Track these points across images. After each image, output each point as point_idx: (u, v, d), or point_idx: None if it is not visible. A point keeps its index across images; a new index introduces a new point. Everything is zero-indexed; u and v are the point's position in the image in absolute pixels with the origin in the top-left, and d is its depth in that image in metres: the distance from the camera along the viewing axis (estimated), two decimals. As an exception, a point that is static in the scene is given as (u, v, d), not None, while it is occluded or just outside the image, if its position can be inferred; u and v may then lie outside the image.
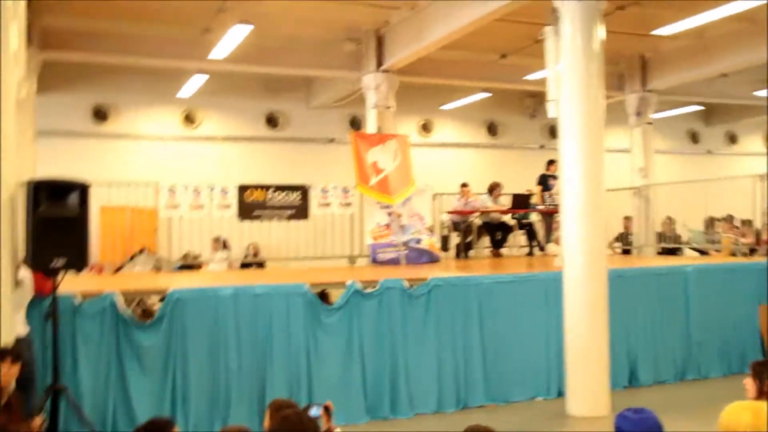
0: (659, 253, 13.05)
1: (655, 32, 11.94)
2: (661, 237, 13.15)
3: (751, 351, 9.12)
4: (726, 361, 9.14)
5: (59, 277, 5.81)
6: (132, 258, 11.16)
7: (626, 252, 13.77)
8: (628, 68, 14.84)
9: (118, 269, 11.38)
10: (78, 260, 5.86)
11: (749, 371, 4.24)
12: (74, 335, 6.34)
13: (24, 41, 6.16)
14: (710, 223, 13.14)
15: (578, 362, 7.41)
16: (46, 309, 5.93)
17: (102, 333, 6.46)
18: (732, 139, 21.04)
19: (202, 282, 7.75)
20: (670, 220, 13.16)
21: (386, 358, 7.38)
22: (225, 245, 11.96)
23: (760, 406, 3.03)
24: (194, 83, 14.33)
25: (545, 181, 12.53)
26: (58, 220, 5.69)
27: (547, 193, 12.54)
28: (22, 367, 5.01)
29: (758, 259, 10.26)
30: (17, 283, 5.72)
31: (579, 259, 7.46)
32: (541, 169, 13.03)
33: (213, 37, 11.65)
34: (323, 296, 8.04)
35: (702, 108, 19.46)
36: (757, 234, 11.21)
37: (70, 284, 6.35)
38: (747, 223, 11.56)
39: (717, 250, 12.53)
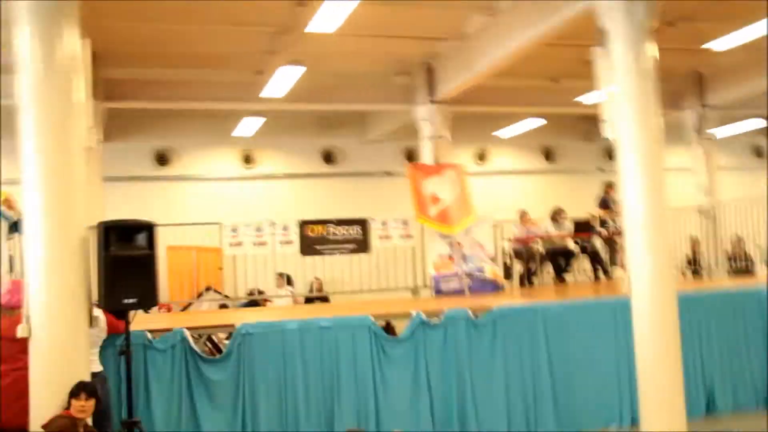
0: (730, 275, 12.64)
1: (708, 46, 11.72)
2: (731, 257, 12.75)
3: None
4: (811, 385, 8.74)
5: (130, 315, 5.96)
6: (199, 296, 11.36)
7: (696, 274, 13.38)
8: (684, 84, 14.59)
9: (186, 307, 11.61)
10: (147, 299, 6.01)
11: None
12: (146, 371, 6.49)
13: (89, 92, 6.43)
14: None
15: (651, 389, 7.18)
16: (119, 346, 6.08)
17: (173, 368, 6.59)
18: (797, 152, 20.37)
19: (268, 317, 7.83)
20: (739, 239, 12.76)
21: (453, 388, 7.30)
22: (289, 281, 12.07)
23: None
24: (251, 124, 14.67)
25: (607, 205, 12.33)
26: (127, 260, 5.85)
27: (609, 217, 12.33)
28: (96, 402, 5.15)
29: (836, 275, 9.86)
30: (92, 322, 5.88)
31: (645, 282, 7.27)
32: (599, 193, 12.83)
33: (266, 78, 11.93)
34: (388, 328, 8.03)
35: (765, 122, 18.93)
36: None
37: (141, 323, 6.51)
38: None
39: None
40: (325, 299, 12.55)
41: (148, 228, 6.04)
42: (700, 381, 8.24)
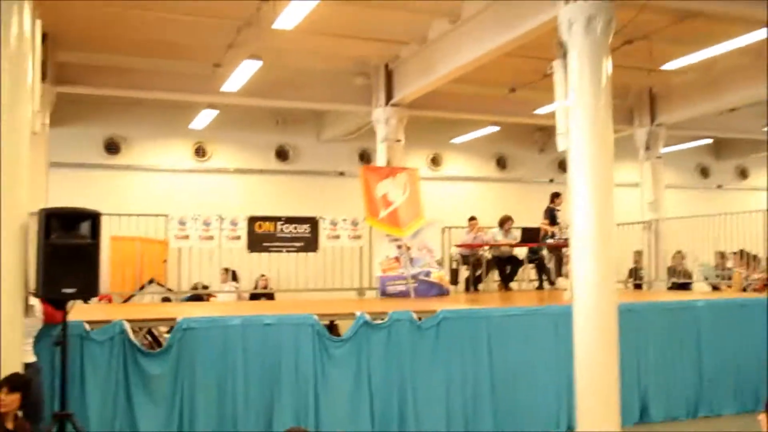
0: (670, 288, 12.96)
1: (663, 67, 12.01)
2: (671, 272, 13.07)
3: (764, 388, 9.02)
4: (739, 397, 9.00)
5: (69, 305, 5.83)
6: (141, 288, 11.18)
7: (637, 287, 13.68)
8: (637, 102, 14.91)
9: (128, 299, 11.41)
10: (88, 289, 5.89)
11: (764, 407, 4.19)
12: (83, 363, 6.35)
13: (38, 76, 6.29)
14: (721, 257, 13.05)
15: (588, 396, 7.31)
16: (55, 336, 5.93)
17: (110, 361, 6.46)
18: (743, 173, 21.01)
19: (211, 312, 7.75)
20: (680, 255, 13.08)
21: (394, 390, 7.33)
22: (234, 276, 11.97)
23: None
24: (205, 116, 14.51)
25: (552, 215, 12.51)
26: (68, 249, 5.73)
27: (556, 227, 12.52)
28: (28, 394, 5.01)
29: (770, 294, 10.17)
30: (27, 311, 5.74)
31: (589, 292, 7.39)
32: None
33: (224, 72, 11.82)
34: (332, 328, 8.01)
35: (712, 142, 19.48)
36: (768, 269, 11.13)
37: (80, 313, 6.37)
38: (757, 258, 11.47)
39: (728, 286, 12.45)
40: (270, 297, 12.48)
41: (92, 217, 5.92)
42: (636, 389, 8.41)
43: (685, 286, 12.86)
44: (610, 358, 7.35)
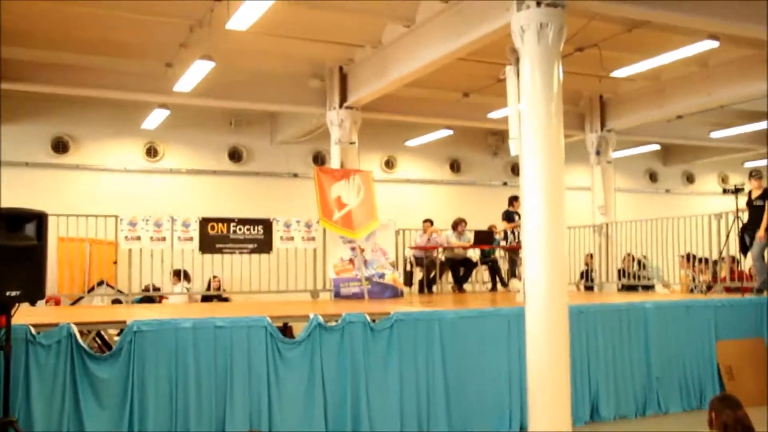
0: (620, 290, 13.22)
1: (613, 74, 12.27)
2: (621, 274, 13.34)
3: (709, 386, 9.28)
4: (686, 396, 9.22)
5: (13, 308, 5.68)
6: (90, 290, 10.96)
7: (588, 288, 13.92)
8: (587, 108, 15.20)
9: (76, 301, 11.17)
10: (34, 292, 5.72)
11: (709, 406, 4.33)
12: (27, 367, 6.15)
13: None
14: (668, 260, 13.36)
15: (540, 397, 7.41)
16: (-2, 340, 5.77)
17: (57, 365, 6.28)
18: (689, 178, 21.59)
19: (162, 314, 7.62)
20: (630, 257, 13.36)
21: (348, 392, 7.30)
22: (186, 277, 11.82)
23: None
24: (157, 116, 14.29)
25: (511, 218, 12.68)
26: (13, 250, 5.56)
27: (509, 230, 12.68)
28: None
29: (715, 297, 10.46)
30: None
31: (540, 294, 7.50)
32: (503, 206, 13.19)
33: (176, 71, 11.67)
34: (286, 330, 7.96)
35: (660, 148, 19.96)
36: (714, 272, 11.42)
37: (26, 316, 6.22)
38: (704, 260, 11.78)
39: (675, 288, 12.76)
40: (223, 299, 12.34)
41: (38, 217, 5.77)
42: (586, 389, 8.54)
43: (634, 288, 13.13)
44: (562, 359, 7.46)
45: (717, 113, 15.49)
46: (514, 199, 12.75)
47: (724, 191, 12.99)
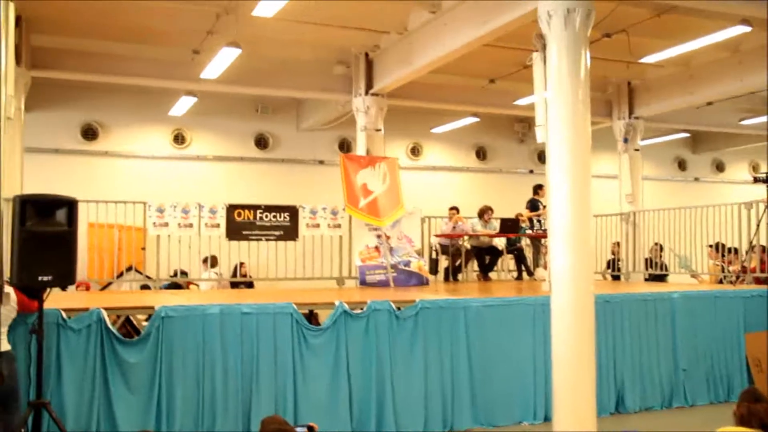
0: (647, 280, 13.09)
1: (642, 60, 12.10)
2: (648, 263, 13.20)
3: (737, 379, 9.17)
4: (713, 388, 9.14)
5: (45, 293, 5.78)
6: (119, 276, 11.10)
7: (615, 278, 13.80)
8: (615, 95, 15.01)
9: (106, 287, 11.32)
10: (65, 277, 5.83)
11: (738, 398, 4.31)
12: (59, 351, 6.29)
13: (12, 59, 6.18)
14: (697, 250, 13.20)
15: (565, 387, 7.37)
16: (31, 324, 5.88)
17: (87, 349, 6.40)
18: (719, 167, 21.27)
19: (190, 300, 7.71)
20: (657, 247, 13.21)
21: (373, 380, 7.35)
22: (214, 264, 11.92)
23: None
24: (185, 103, 14.40)
25: (536, 206, 12.61)
26: (45, 236, 5.65)
27: (535, 218, 12.61)
28: (1, 382, 4.97)
29: (744, 287, 10.31)
30: (2, 300, 5.67)
31: (566, 284, 7.44)
32: (529, 194, 13.11)
33: (203, 59, 11.73)
34: (311, 317, 8.01)
35: (689, 136, 19.68)
36: (743, 262, 11.26)
37: (57, 301, 6.32)
38: (733, 250, 11.61)
39: (704, 278, 12.60)
40: (249, 285, 12.43)
41: (68, 203, 5.85)
42: (612, 380, 8.50)
43: (662, 278, 12.99)
44: (587, 349, 7.41)
45: (748, 100, 15.19)
46: (538, 188, 12.68)
47: (755, 180, 12.73)
